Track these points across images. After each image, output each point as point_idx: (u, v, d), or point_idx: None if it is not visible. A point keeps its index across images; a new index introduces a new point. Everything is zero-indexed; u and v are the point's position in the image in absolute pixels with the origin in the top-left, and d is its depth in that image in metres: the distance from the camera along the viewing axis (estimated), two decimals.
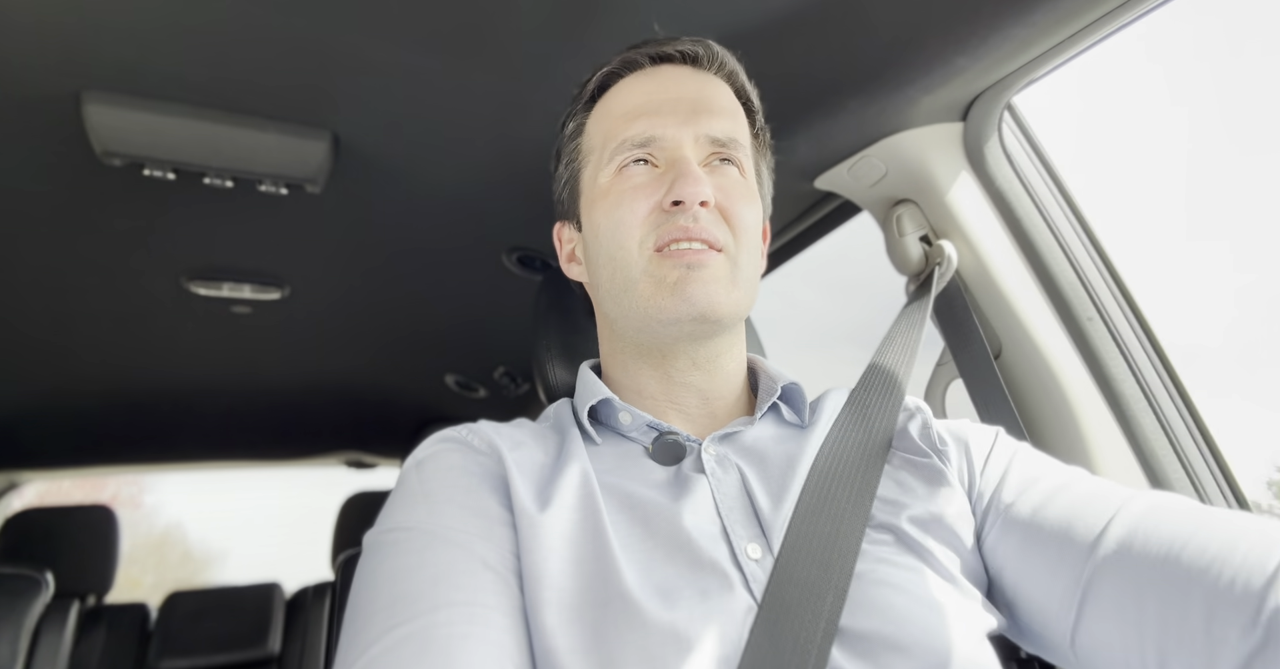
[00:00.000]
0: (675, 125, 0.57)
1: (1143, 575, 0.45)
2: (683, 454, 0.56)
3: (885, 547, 0.51)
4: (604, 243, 0.58)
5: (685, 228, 0.54)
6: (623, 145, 0.58)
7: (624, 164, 0.58)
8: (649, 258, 0.56)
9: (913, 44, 0.74)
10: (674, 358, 0.59)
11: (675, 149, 0.57)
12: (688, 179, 0.54)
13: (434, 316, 1.67)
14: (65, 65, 0.79)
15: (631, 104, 0.60)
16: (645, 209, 0.56)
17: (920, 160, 0.88)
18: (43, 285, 1.34)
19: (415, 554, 0.46)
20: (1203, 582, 0.43)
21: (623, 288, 0.57)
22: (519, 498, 0.50)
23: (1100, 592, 0.47)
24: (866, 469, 0.54)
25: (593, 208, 0.60)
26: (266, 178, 1.01)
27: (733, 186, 0.58)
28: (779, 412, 0.63)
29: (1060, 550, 0.50)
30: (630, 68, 0.62)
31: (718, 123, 0.59)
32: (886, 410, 0.60)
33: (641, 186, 0.57)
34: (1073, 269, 0.85)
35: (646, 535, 0.50)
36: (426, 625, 0.42)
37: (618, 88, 0.62)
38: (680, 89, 0.60)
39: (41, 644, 1.75)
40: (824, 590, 0.45)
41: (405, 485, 0.53)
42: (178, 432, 2.29)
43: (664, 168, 0.58)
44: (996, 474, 0.57)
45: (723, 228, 0.56)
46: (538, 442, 0.58)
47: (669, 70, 0.62)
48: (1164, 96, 6.21)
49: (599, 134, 0.61)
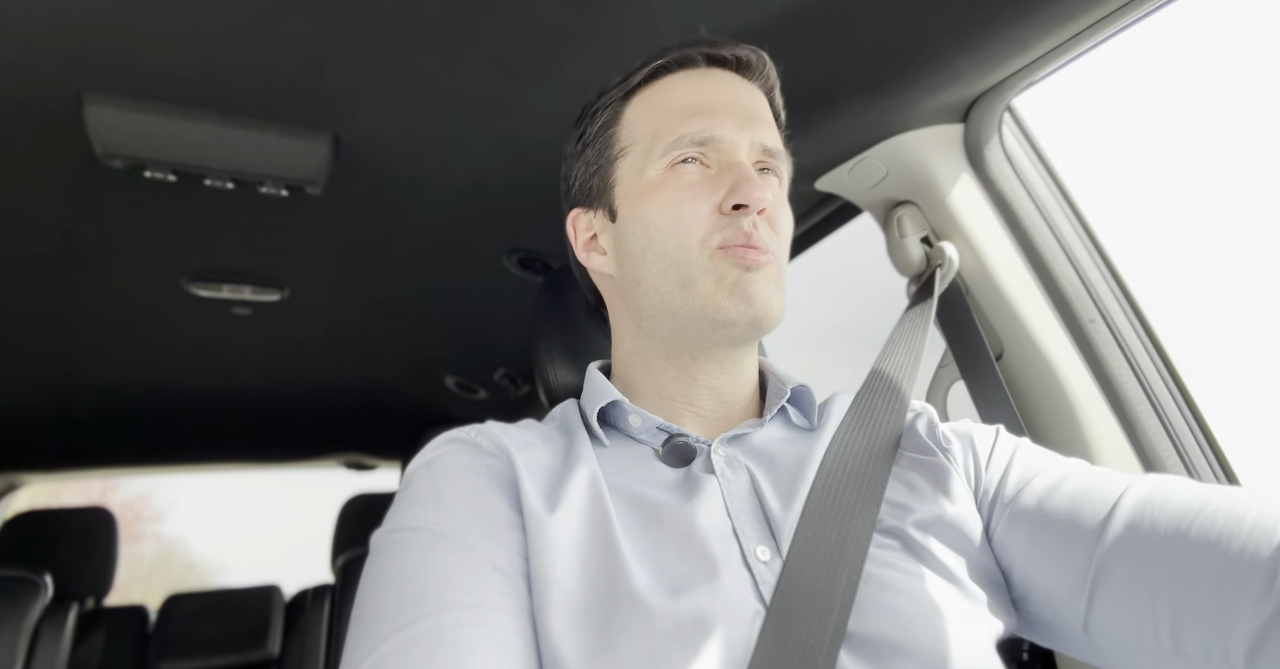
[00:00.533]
0: (734, 129, 0.57)
1: (1151, 555, 0.46)
2: (692, 456, 0.56)
3: (892, 552, 0.51)
4: (656, 238, 0.57)
5: (749, 234, 0.55)
6: (679, 141, 0.57)
7: (676, 161, 0.57)
8: (711, 254, 0.55)
9: (913, 46, 0.74)
10: (704, 361, 0.59)
11: (731, 153, 0.57)
12: (754, 184, 0.54)
13: (434, 318, 1.66)
14: (66, 67, 0.79)
15: (688, 101, 0.59)
16: (706, 209, 0.56)
17: (921, 162, 0.88)
18: (43, 287, 1.34)
19: (423, 555, 0.46)
20: (1211, 556, 0.43)
21: (678, 285, 0.56)
22: (528, 500, 0.50)
23: (1111, 575, 0.47)
24: (873, 473, 0.54)
25: (640, 200, 0.59)
26: (267, 179, 1.01)
27: (778, 198, 0.59)
28: (787, 414, 0.63)
29: (1068, 538, 0.50)
30: (684, 64, 0.62)
31: (769, 133, 0.60)
32: (892, 413, 0.60)
33: (697, 185, 0.56)
34: (1074, 270, 0.85)
35: (658, 535, 0.50)
36: (434, 626, 0.42)
37: (668, 81, 0.61)
38: (734, 94, 0.60)
39: (40, 646, 1.75)
40: (832, 594, 0.45)
41: (414, 485, 0.53)
42: (178, 433, 2.29)
43: (717, 171, 0.57)
44: (1000, 468, 0.58)
45: (772, 235, 0.57)
46: (546, 443, 0.57)
47: (721, 73, 0.62)
48: (1165, 98, 6.23)
49: (646, 125, 0.60)
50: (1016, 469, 0.57)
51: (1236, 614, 0.41)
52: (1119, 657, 0.48)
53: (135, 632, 1.93)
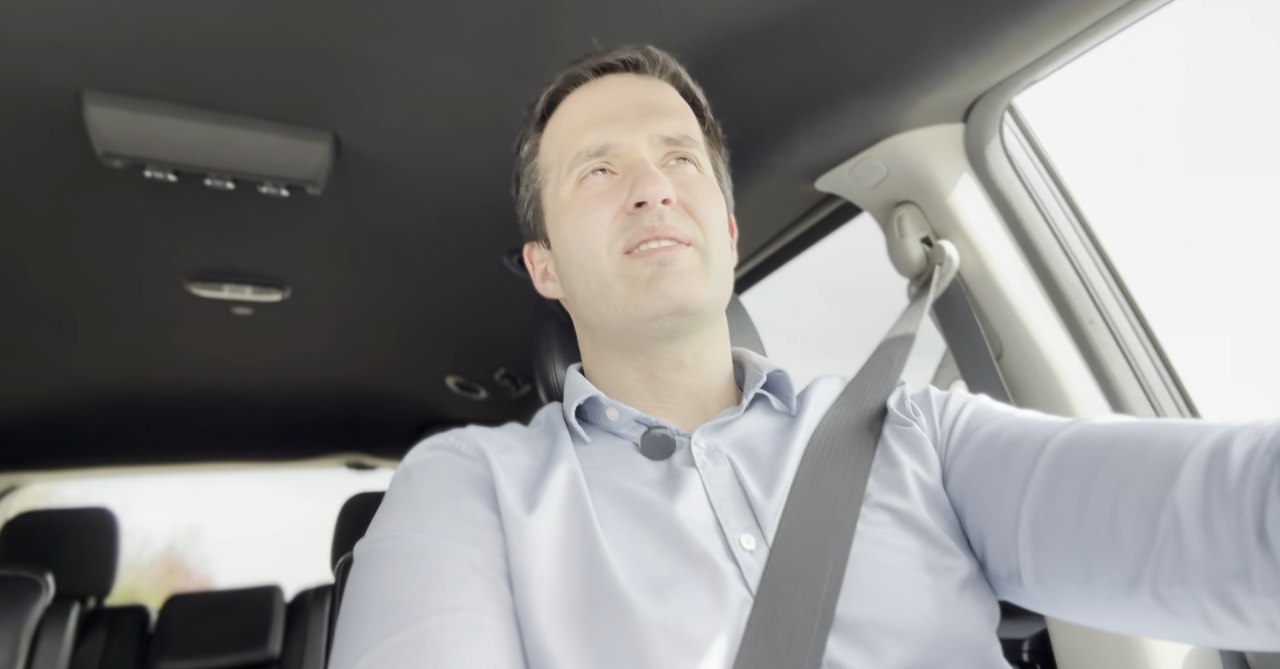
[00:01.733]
0: (627, 130, 0.58)
1: (1067, 500, 0.47)
2: (672, 448, 0.57)
3: (881, 527, 0.51)
4: (573, 252, 0.59)
5: (651, 227, 0.55)
6: (579, 157, 0.58)
7: (583, 176, 0.59)
8: (619, 260, 0.56)
9: (914, 45, 0.74)
10: (658, 358, 0.60)
11: (630, 153, 0.58)
12: (647, 179, 0.55)
13: (435, 318, 1.66)
14: (66, 66, 0.80)
15: (581, 116, 0.60)
16: (610, 214, 0.56)
17: (921, 161, 0.88)
18: (44, 287, 1.34)
19: (404, 562, 0.46)
20: (1115, 497, 0.44)
21: (598, 293, 0.58)
22: (505, 501, 0.50)
23: (1037, 522, 0.48)
24: (860, 450, 0.55)
25: (559, 222, 0.61)
26: (267, 179, 1.01)
27: (692, 183, 0.59)
28: (767, 401, 0.63)
29: (1001, 490, 0.51)
30: (575, 83, 0.63)
31: (668, 122, 0.59)
32: (879, 392, 0.61)
33: (603, 194, 0.57)
34: (1074, 270, 0.85)
35: (639, 530, 0.50)
36: (418, 632, 0.42)
37: (565, 103, 0.63)
38: (626, 95, 0.61)
39: (41, 646, 1.75)
40: (819, 580, 0.46)
41: (394, 495, 0.53)
42: (179, 433, 2.29)
43: (622, 174, 0.58)
44: (948, 426, 0.59)
45: (689, 223, 0.57)
46: (526, 445, 0.58)
47: (613, 80, 0.62)
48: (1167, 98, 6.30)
49: (554, 151, 0.62)
50: (962, 426, 0.58)
51: (1136, 553, 0.42)
52: (1071, 604, 0.49)
53: (136, 631, 1.93)
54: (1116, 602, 0.44)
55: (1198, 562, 0.40)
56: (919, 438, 0.58)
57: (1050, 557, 0.47)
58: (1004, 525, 0.50)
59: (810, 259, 1.22)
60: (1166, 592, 0.41)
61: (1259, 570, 0.38)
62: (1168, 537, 0.41)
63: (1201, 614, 0.41)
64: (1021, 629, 0.86)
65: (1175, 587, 0.41)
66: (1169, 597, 0.41)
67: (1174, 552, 0.41)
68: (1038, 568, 0.48)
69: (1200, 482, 0.41)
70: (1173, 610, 0.42)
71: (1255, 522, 0.38)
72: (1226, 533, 0.39)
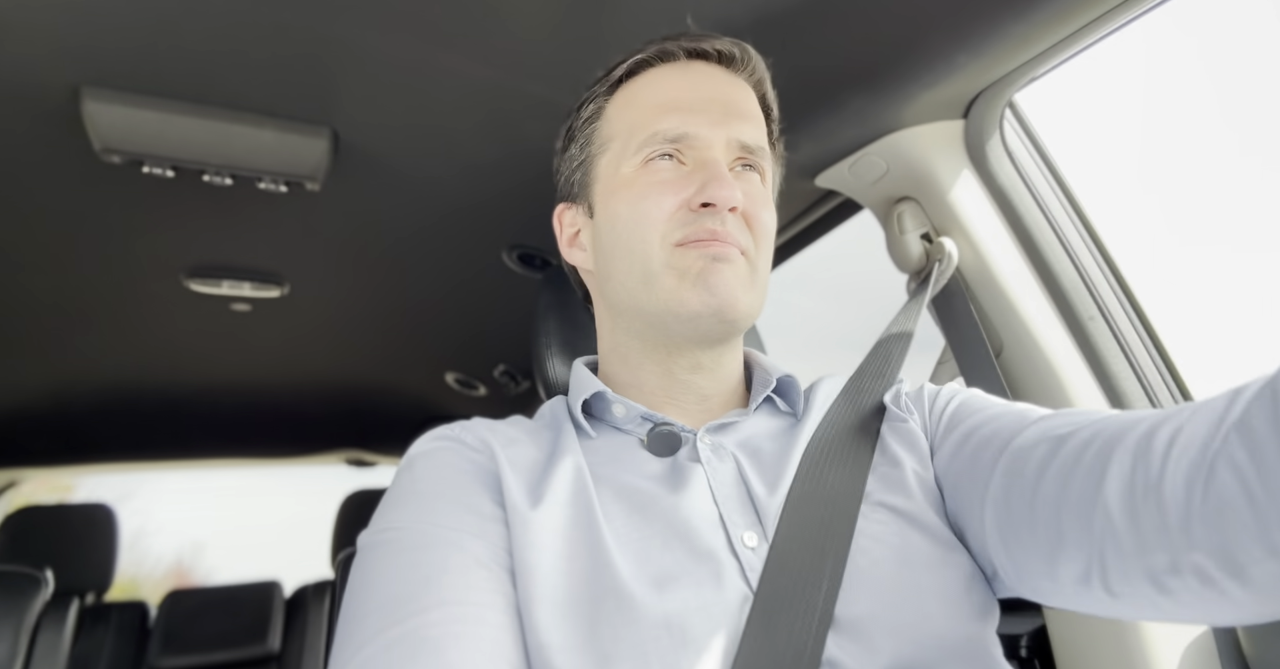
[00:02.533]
0: (709, 125, 0.57)
1: (1021, 500, 0.47)
2: (678, 444, 0.57)
3: (881, 525, 0.51)
4: (623, 234, 0.57)
5: (713, 230, 0.54)
6: (653, 138, 0.57)
7: (651, 157, 0.57)
8: (670, 251, 0.55)
9: (914, 41, 0.74)
10: (678, 357, 0.59)
11: (706, 149, 0.57)
12: (722, 182, 0.54)
13: (434, 314, 1.66)
14: (64, 62, 0.79)
15: (665, 97, 0.58)
16: (672, 205, 0.55)
17: (921, 158, 0.88)
18: (42, 284, 1.34)
19: (407, 554, 0.46)
20: (1060, 495, 0.45)
21: (642, 281, 0.56)
22: (511, 495, 0.50)
23: (998, 521, 0.49)
24: (859, 448, 0.55)
25: (612, 197, 0.59)
26: (266, 175, 1.01)
27: (756, 193, 0.58)
28: (774, 403, 0.63)
29: (970, 485, 0.52)
30: (664, 58, 0.61)
31: (749, 129, 0.58)
32: (877, 391, 0.61)
33: (669, 182, 0.56)
34: (1074, 267, 0.85)
35: (643, 525, 0.50)
36: (419, 626, 0.42)
37: (647, 76, 0.61)
38: (714, 89, 0.59)
39: (41, 642, 1.75)
40: (818, 578, 0.46)
41: (398, 485, 0.53)
42: (178, 430, 2.29)
43: (691, 167, 0.57)
44: (938, 416, 0.60)
45: (746, 233, 0.56)
46: (532, 438, 0.58)
47: (703, 67, 0.61)
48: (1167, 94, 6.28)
49: (624, 122, 0.60)
50: (946, 421, 0.58)
51: (1083, 552, 0.43)
52: (1050, 598, 0.49)
53: (136, 627, 1.94)
54: (1080, 594, 0.45)
55: (1132, 557, 0.41)
56: (914, 434, 0.58)
57: (1018, 555, 0.48)
58: (975, 525, 0.51)
59: (802, 259, 1.22)
60: (1117, 587, 0.42)
61: (1186, 561, 0.38)
62: (1105, 535, 0.42)
63: (1150, 601, 0.42)
64: (1019, 624, 0.86)
65: (1121, 583, 0.42)
66: (1120, 592, 0.42)
67: (1113, 549, 0.42)
68: (1014, 565, 0.49)
69: (1127, 478, 0.42)
70: (1124, 598, 0.43)
71: (1178, 516, 0.39)
72: (1152, 528, 0.40)
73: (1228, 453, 0.37)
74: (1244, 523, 0.35)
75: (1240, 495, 0.36)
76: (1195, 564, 0.38)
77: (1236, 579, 0.36)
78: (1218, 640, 0.75)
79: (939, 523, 0.52)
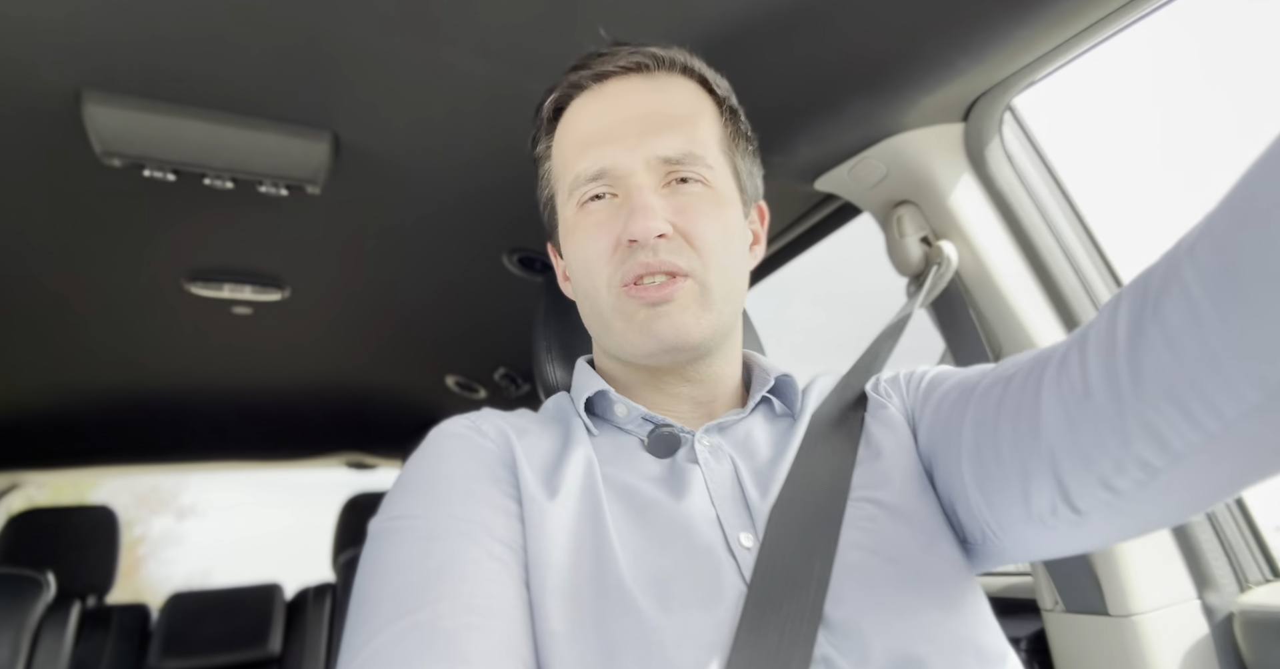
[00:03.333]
0: (624, 152, 0.55)
1: (993, 446, 0.49)
2: (677, 446, 0.57)
3: (868, 520, 0.52)
4: (579, 279, 0.59)
5: (646, 263, 0.54)
6: (577, 180, 0.57)
7: (582, 200, 0.57)
8: (617, 294, 0.55)
9: (913, 45, 0.74)
10: (664, 374, 0.60)
11: (628, 177, 0.55)
12: (639, 214, 0.53)
13: (434, 317, 1.67)
14: (65, 65, 0.79)
15: (583, 131, 0.58)
16: (607, 246, 0.55)
17: (921, 161, 0.88)
18: (43, 287, 1.34)
19: (420, 543, 0.46)
20: (1014, 429, 0.47)
21: (600, 324, 0.59)
22: (527, 486, 0.51)
23: (976, 474, 0.50)
24: (843, 442, 0.56)
25: (566, 240, 0.61)
26: (267, 178, 1.01)
27: (693, 206, 0.55)
28: (771, 403, 0.64)
29: (946, 447, 0.53)
30: (576, 89, 0.60)
31: (670, 140, 0.56)
32: (859, 384, 0.63)
33: (601, 223, 0.56)
34: (1074, 271, 0.85)
35: (642, 526, 0.50)
36: (431, 616, 0.42)
37: (570, 110, 0.61)
38: (628, 107, 0.57)
39: (42, 644, 1.75)
40: (807, 577, 0.46)
41: (412, 472, 0.53)
42: (178, 433, 2.29)
43: (622, 198, 0.56)
44: (914, 395, 0.61)
45: (686, 253, 0.54)
46: (543, 429, 0.58)
47: (616, 85, 0.59)
48: (1167, 97, 6.11)
49: (560, 161, 0.61)
50: (921, 397, 0.60)
51: (1048, 482, 0.45)
52: (1033, 543, 0.50)
53: (137, 630, 1.94)
54: (1055, 527, 0.47)
55: (1083, 469, 0.43)
56: (894, 418, 0.59)
57: (997, 505, 0.49)
58: (959, 487, 0.52)
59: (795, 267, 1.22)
60: (1080, 503, 0.44)
61: (1127, 456, 0.40)
62: (1057, 454, 0.44)
63: (1111, 508, 0.43)
64: (1018, 627, 0.86)
65: (1081, 498, 0.44)
66: (1083, 507, 0.44)
67: (1067, 465, 0.44)
68: (995, 517, 0.50)
69: (1055, 392, 0.44)
70: (1089, 514, 0.44)
71: (1109, 412, 0.41)
72: (1089, 433, 0.42)
73: (1146, 346, 0.39)
74: (1174, 382, 0.37)
75: (1161, 382, 0.38)
76: (1136, 455, 0.40)
77: (1170, 458, 0.39)
78: (1217, 642, 0.75)
79: (924, 511, 0.53)
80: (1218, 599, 0.77)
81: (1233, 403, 0.35)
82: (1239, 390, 0.34)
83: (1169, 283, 0.37)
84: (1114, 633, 0.75)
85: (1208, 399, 0.36)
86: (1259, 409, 0.34)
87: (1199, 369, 0.36)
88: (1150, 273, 0.40)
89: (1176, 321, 0.36)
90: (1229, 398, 0.35)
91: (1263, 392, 0.34)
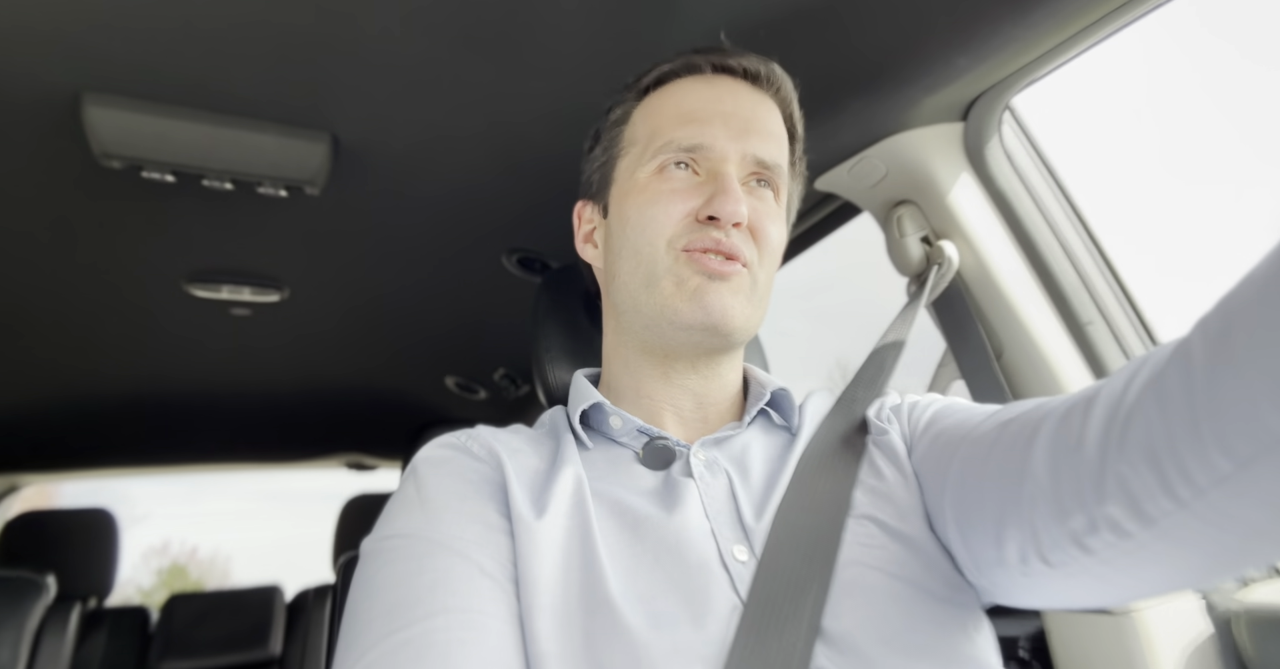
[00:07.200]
0: (725, 138, 0.58)
1: (978, 492, 0.49)
2: (672, 459, 0.57)
3: (867, 537, 0.52)
4: (631, 236, 0.59)
5: (717, 240, 0.55)
6: (668, 146, 0.58)
7: (665, 164, 0.58)
8: (676, 256, 0.56)
9: (913, 45, 0.74)
10: (676, 360, 0.60)
11: (719, 162, 0.58)
12: (728, 196, 0.55)
13: (434, 318, 1.66)
14: (64, 67, 0.79)
15: (685, 107, 0.60)
16: (681, 212, 0.57)
17: (921, 161, 0.88)
18: (41, 288, 1.34)
19: (413, 561, 0.46)
20: (998, 485, 0.47)
21: (643, 283, 0.58)
22: (516, 505, 0.50)
23: (956, 517, 0.50)
24: (846, 462, 0.55)
25: (625, 199, 0.61)
26: (265, 180, 1.01)
27: (766, 208, 0.59)
28: (768, 417, 0.64)
29: (936, 487, 0.53)
30: (690, 70, 0.62)
31: (766, 145, 0.59)
32: (866, 402, 0.62)
33: (679, 191, 0.57)
34: (1074, 270, 0.85)
35: (634, 541, 0.50)
36: (423, 631, 0.42)
37: (673, 86, 0.62)
38: (736, 103, 0.60)
39: (43, 647, 1.75)
40: (805, 591, 0.46)
41: (404, 492, 0.53)
42: (178, 434, 2.29)
43: (704, 178, 0.58)
44: (914, 426, 0.61)
45: (750, 246, 0.57)
46: (534, 448, 0.58)
47: (727, 82, 0.61)
48: (1166, 97, 6.12)
49: (646, 128, 0.61)
50: (921, 429, 0.59)
51: (1020, 530, 0.45)
52: (1009, 590, 0.50)
53: (137, 632, 1.94)
54: (1026, 575, 0.46)
55: (1055, 523, 0.43)
56: (894, 446, 0.59)
57: (974, 545, 0.49)
58: (941, 523, 0.52)
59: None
60: (1051, 556, 0.44)
61: (1100, 515, 0.40)
62: (1034, 502, 0.44)
63: (1081, 566, 0.43)
64: (1017, 626, 0.86)
65: (1053, 551, 0.43)
66: (1055, 561, 0.44)
67: (1041, 516, 0.43)
68: (972, 558, 0.50)
69: (1050, 440, 0.44)
70: (1060, 567, 0.44)
71: (1092, 468, 0.41)
72: (1070, 487, 0.42)
73: (1141, 407, 0.38)
74: (1155, 443, 0.37)
75: (1145, 443, 0.38)
76: (1108, 515, 0.40)
77: (1142, 523, 0.38)
78: (1217, 640, 0.75)
79: (923, 535, 0.53)
80: (1218, 596, 0.77)
81: (1204, 471, 0.35)
82: (1210, 458, 0.34)
83: (1179, 347, 0.38)
84: (1114, 630, 0.75)
85: (1182, 464, 0.36)
86: (1228, 480, 0.34)
87: (1179, 432, 0.36)
88: (1175, 341, 0.40)
89: (1173, 382, 0.37)
90: (1201, 465, 0.35)
91: (1232, 462, 0.34)
